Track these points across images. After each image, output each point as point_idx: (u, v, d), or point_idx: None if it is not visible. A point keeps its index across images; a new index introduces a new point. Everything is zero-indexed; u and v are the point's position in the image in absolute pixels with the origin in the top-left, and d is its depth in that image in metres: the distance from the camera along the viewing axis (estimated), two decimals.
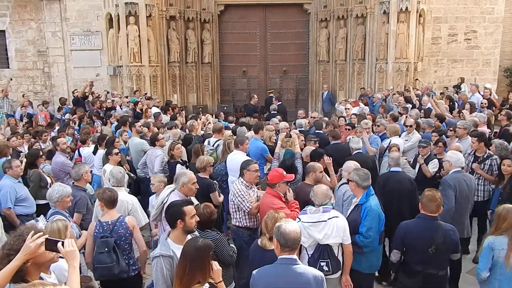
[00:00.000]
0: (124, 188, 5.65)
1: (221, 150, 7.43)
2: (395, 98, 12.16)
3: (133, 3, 14.15)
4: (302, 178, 6.00)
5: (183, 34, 16.27)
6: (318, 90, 17.15)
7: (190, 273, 3.19)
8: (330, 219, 4.33)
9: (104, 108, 12.39)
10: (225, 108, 14.93)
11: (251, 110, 14.04)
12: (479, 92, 13.07)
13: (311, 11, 16.78)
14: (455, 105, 11.82)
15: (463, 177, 5.76)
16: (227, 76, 17.65)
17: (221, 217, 6.11)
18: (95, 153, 7.93)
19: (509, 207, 4.29)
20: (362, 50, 15.97)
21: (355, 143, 7.14)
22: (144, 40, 14.54)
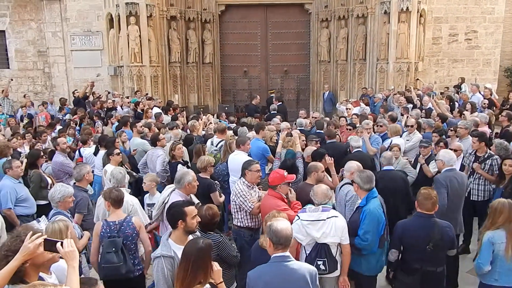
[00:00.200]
0: (124, 188, 5.64)
1: (223, 150, 7.43)
2: (396, 98, 12.15)
3: (134, 3, 14.13)
4: (304, 178, 5.99)
5: (184, 34, 16.28)
6: (319, 90, 17.15)
7: (192, 274, 3.19)
8: (329, 218, 4.34)
9: (105, 109, 12.39)
10: (226, 108, 14.93)
11: (252, 110, 14.02)
12: (480, 92, 13.06)
13: (312, 11, 16.77)
14: (455, 105, 11.81)
15: (454, 175, 5.86)
16: (228, 76, 17.65)
17: (222, 217, 6.12)
18: (96, 153, 7.92)
19: (504, 201, 4.39)
20: (363, 50, 15.97)
21: (355, 141, 7.25)
22: (145, 40, 14.52)
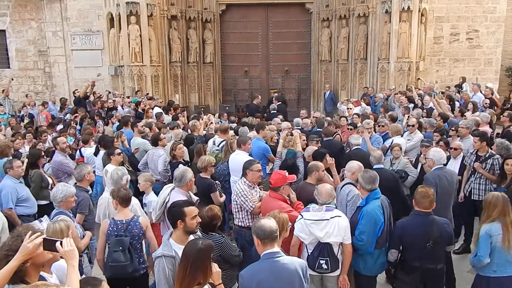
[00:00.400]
0: None
1: (224, 150, 7.42)
2: (397, 97, 12.13)
3: (134, 2, 14.12)
4: (304, 177, 5.98)
5: (185, 34, 16.28)
6: (320, 90, 17.13)
7: (191, 274, 3.18)
8: (332, 218, 4.37)
9: (106, 108, 12.38)
10: (227, 108, 14.91)
11: (254, 110, 14.01)
12: (481, 92, 13.04)
13: (313, 10, 16.76)
14: (455, 104, 11.79)
15: (444, 173, 5.97)
16: (229, 76, 17.63)
17: (223, 217, 6.10)
18: (96, 154, 7.90)
19: (498, 194, 4.51)
20: (364, 49, 15.96)
21: (354, 139, 7.43)
22: (145, 39, 14.52)
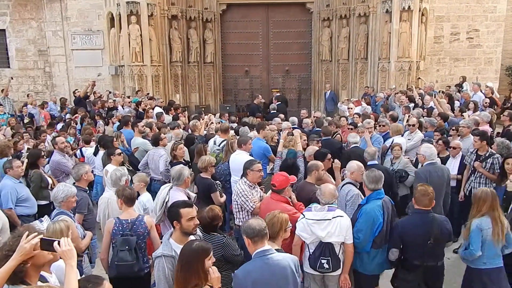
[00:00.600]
0: None
1: (224, 150, 7.41)
2: (397, 97, 12.12)
3: (135, 2, 14.11)
4: (304, 177, 5.97)
5: (185, 34, 16.25)
6: (321, 90, 17.10)
7: (182, 275, 3.19)
8: (334, 218, 4.39)
9: (106, 108, 12.37)
10: (227, 108, 14.88)
11: (255, 109, 13.99)
12: (481, 91, 13.03)
13: (314, 10, 16.73)
14: (454, 103, 11.79)
15: (434, 169, 6.11)
16: (230, 75, 17.61)
17: (223, 217, 6.09)
18: (96, 154, 7.89)
19: (487, 190, 4.68)
20: (365, 49, 15.93)
21: (352, 137, 7.62)
22: (146, 39, 14.51)
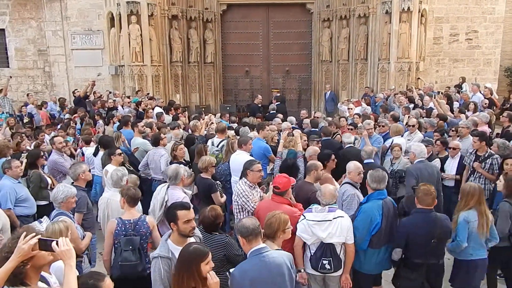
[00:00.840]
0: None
1: (225, 150, 7.41)
2: (397, 98, 12.13)
3: (135, 2, 14.10)
4: (304, 177, 5.97)
5: (186, 34, 16.24)
6: (321, 90, 17.10)
7: (178, 276, 3.20)
8: (335, 218, 4.40)
9: (106, 108, 12.35)
10: (228, 108, 14.88)
11: (255, 110, 13.99)
12: (480, 92, 13.05)
13: (314, 11, 16.73)
14: (453, 103, 11.80)
15: (425, 166, 6.31)
16: (230, 76, 17.61)
17: (224, 218, 6.09)
18: (96, 154, 7.86)
19: (474, 185, 4.97)
20: (365, 50, 15.95)
21: (346, 137, 7.82)
22: (146, 39, 14.50)
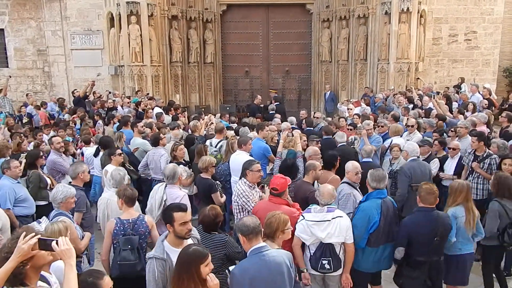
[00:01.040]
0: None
1: (225, 150, 7.42)
2: (396, 98, 12.15)
3: (135, 2, 14.09)
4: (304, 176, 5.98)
5: (185, 34, 16.24)
6: (321, 90, 17.13)
7: (178, 277, 3.20)
8: (334, 218, 4.41)
9: (106, 108, 12.34)
10: (227, 108, 14.88)
11: (255, 110, 13.99)
12: (479, 92, 13.08)
13: (314, 11, 16.75)
14: (452, 104, 11.82)
15: (418, 165, 6.47)
16: (230, 76, 17.61)
17: (223, 217, 6.09)
18: (96, 155, 7.84)
19: (463, 182, 5.13)
20: (364, 50, 15.98)
21: (339, 137, 7.92)
22: (146, 39, 14.49)
